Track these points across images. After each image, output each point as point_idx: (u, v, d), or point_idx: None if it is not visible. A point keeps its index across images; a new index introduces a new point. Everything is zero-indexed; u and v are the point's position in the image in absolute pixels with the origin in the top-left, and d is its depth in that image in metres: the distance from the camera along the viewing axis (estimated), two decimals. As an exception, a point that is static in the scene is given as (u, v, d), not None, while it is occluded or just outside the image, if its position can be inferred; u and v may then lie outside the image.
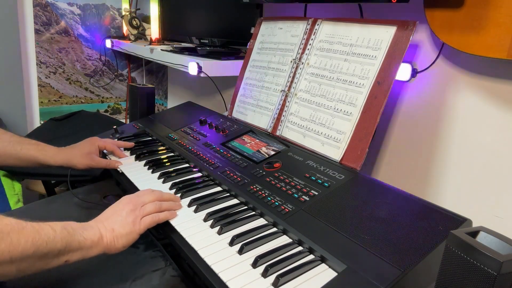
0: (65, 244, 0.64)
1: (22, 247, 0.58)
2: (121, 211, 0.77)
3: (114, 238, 0.73)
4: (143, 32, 2.17)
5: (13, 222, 0.59)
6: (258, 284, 0.62)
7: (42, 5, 2.10)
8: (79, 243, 0.67)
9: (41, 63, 2.16)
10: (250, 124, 1.21)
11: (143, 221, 0.78)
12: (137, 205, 0.79)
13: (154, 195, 0.83)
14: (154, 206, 0.81)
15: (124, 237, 0.74)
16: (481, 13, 0.80)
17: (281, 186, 0.87)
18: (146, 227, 0.78)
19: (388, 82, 0.88)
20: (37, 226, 0.62)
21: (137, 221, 0.77)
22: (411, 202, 0.75)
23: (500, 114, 0.87)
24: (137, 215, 0.77)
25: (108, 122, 1.83)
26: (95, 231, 0.71)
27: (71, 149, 1.08)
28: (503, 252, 0.50)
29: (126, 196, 0.82)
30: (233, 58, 1.49)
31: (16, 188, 1.29)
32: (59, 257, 0.64)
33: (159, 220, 0.80)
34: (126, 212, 0.77)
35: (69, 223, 0.68)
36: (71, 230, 0.67)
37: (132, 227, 0.75)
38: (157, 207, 0.81)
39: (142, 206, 0.80)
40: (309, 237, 0.71)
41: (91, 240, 0.69)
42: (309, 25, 1.11)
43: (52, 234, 0.62)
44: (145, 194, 0.83)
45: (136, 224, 0.76)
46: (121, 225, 0.75)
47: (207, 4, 1.64)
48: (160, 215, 0.80)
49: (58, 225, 0.65)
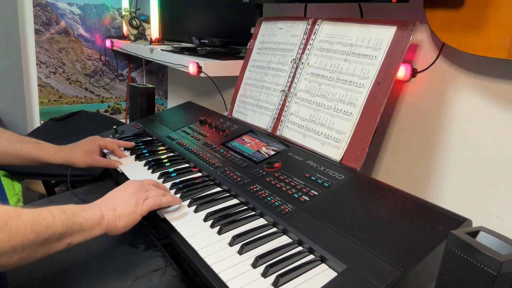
0: (66, 227, 0.63)
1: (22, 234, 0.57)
2: (124, 192, 0.77)
3: (116, 218, 0.72)
4: (143, 32, 2.17)
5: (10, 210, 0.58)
6: (258, 284, 0.62)
7: (42, 5, 2.10)
8: (80, 224, 0.66)
9: (41, 63, 2.16)
10: (250, 124, 1.21)
11: (146, 203, 0.77)
12: (140, 188, 0.79)
13: (158, 185, 0.83)
14: (158, 191, 0.81)
15: (125, 217, 0.73)
16: (481, 13, 0.80)
17: (281, 186, 0.87)
18: (149, 209, 0.77)
19: (388, 82, 0.88)
20: (35, 212, 0.61)
21: (140, 202, 0.76)
22: (411, 202, 0.75)
23: (500, 114, 0.87)
24: (140, 197, 0.77)
25: (108, 122, 1.83)
26: (96, 211, 0.71)
27: (72, 147, 1.08)
28: (503, 252, 0.50)
29: (130, 180, 0.82)
30: (233, 58, 1.49)
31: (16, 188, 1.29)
32: (61, 240, 0.63)
33: (161, 203, 0.80)
34: (128, 193, 0.77)
35: (68, 206, 0.67)
36: (70, 212, 0.66)
37: (134, 208, 0.75)
38: (161, 193, 0.81)
39: (146, 190, 0.80)
40: (309, 237, 0.71)
41: (92, 221, 0.69)
42: (309, 25, 1.11)
43: (51, 219, 0.62)
44: (149, 181, 0.84)
45: (138, 205, 0.76)
46: (123, 205, 0.74)
47: (207, 4, 1.64)
48: (163, 198, 0.80)
49: (57, 209, 0.64)
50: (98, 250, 0.87)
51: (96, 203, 0.74)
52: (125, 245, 0.90)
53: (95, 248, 0.88)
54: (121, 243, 0.90)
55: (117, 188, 0.79)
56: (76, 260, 0.83)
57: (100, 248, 0.88)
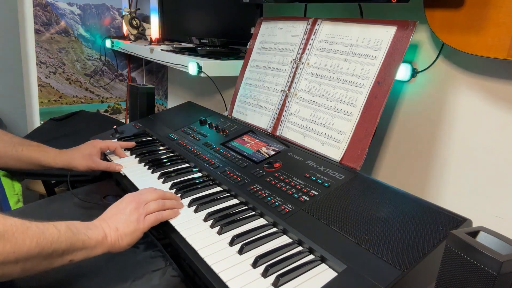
0: (70, 244, 0.64)
1: (27, 247, 0.58)
2: (125, 209, 0.77)
3: (119, 237, 0.73)
4: (143, 32, 2.17)
5: (18, 223, 0.59)
6: (258, 284, 0.62)
7: (42, 5, 2.10)
8: (83, 242, 0.67)
9: (41, 63, 2.16)
10: (250, 124, 1.21)
11: (147, 219, 0.77)
12: (140, 203, 0.79)
13: (157, 193, 0.83)
14: (158, 204, 0.81)
15: (128, 235, 0.74)
16: (481, 13, 0.80)
17: (281, 186, 0.87)
18: (150, 225, 0.78)
19: (388, 82, 0.88)
20: (41, 226, 0.62)
21: (141, 219, 0.77)
22: (411, 202, 0.75)
23: (500, 114, 0.87)
24: (141, 213, 0.77)
25: (108, 122, 1.83)
26: (99, 230, 0.71)
27: (72, 151, 1.08)
28: (503, 252, 0.50)
29: (129, 194, 0.82)
30: (233, 58, 1.49)
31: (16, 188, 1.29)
32: (63, 256, 0.64)
33: (162, 218, 0.80)
34: (129, 210, 0.77)
35: (73, 222, 0.68)
36: (75, 230, 0.67)
37: (136, 225, 0.75)
38: (161, 205, 0.81)
39: (145, 204, 0.80)
40: (309, 237, 0.71)
41: (96, 240, 0.69)
42: (309, 25, 1.11)
43: (56, 234, 0.62)
44: (147, 192, 0.83)
45: (140, 222, 0.76)
46: (125, 223, 0.74)
47: (207, 4, 1.64)
48: (163, 213, 0.80)
49: (63, 225, 0.65)
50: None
51: (99, 221, 0.74)
52: (125, 245, 0.90)
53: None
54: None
55: (116, 203, 0.79)
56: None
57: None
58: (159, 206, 0.81)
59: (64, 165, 1.05)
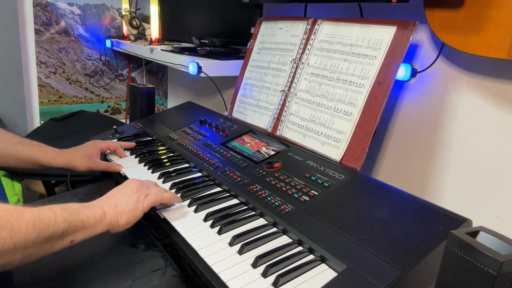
0: (68, 225, 0.64)
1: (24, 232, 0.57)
2: (125, 189, 0.78)
3: (118, 214, 0.72)
4: (143, 32, 2.17)
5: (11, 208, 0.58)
6: (258, 284, 0.62)
7: (42, 5, 2.10)
8: (82, 221, 0.66)
9: (41, 63, 2.16)
10: (250, 124, 1.21)
11: (147, 199, 0.78)
12: (141, 185, 0.80)
13: (158, 187, 0.84)
14: (159, 188, 0.81)
15: (127, 213, 0.74)
16: (481, 13, 0.80)
17: (281, 186, 0.87)
18: (150, 205, 0.78)
19: (388, 82, 0.88)
20: (36, 210, 0.61)
21: (141, 199, 0.77)
22: (411, 202, 0.75)
23: (500, 114, 0.87)
24: (142, 193, 0.78)
25: (108, 122, 1.83)
26: (97, 209, 0.71)
27: (72, 151, 1.08)
28: (503, 252, 0.50)
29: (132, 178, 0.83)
30: (233, 58, 1.49)
31: (16, 188, 1.29)
32: (63, 238, 0.64)
33: (162, 199, 0.80)
34: (130, 190, 0.77)
35: (69, 204, 0.67)
36: (72, 210, 0.66)
37: (135, 204, 0.75)
38: (162, 190, 0.82)
39: (147, 188, 0.80)
40: (309, 237, 0.71)
41: (94, 218, 0.69)
42: (309, 25, 1.11)
43: (53, 216, 0.62)
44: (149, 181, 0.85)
45: (140, 201, 0.76)
46: (125, 201, 0.75)
47: (207, 4, 1.64)
48: (164, 194, 0.81)
49: (58, 207, 0.64)
50: (99, 250, 0.87)
51: (97, 201, 0.74)
52: (125, 245, 0.90)
53: (95, 248, 0.88)
54: (121, 243, 0.91)
55: (118, 186, 0.80)
56: (77, 260, 0.83)
57: (101, 248, 0.88)
58: (160, 190, 0.81)
59: (64, 165, 1.05)
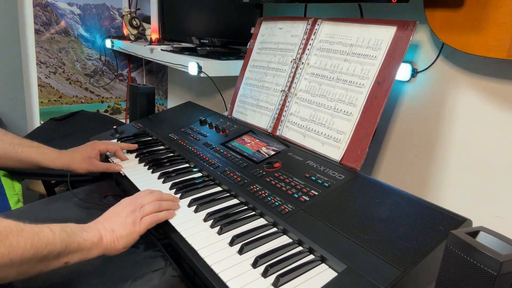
0: (65, 246, 0.64)
1: (22, 249, 0.58)
2: (121, 212, 0.78)
3: (114, 239, 0.73)
4: (143, 32, 2.17)
5: (12, 225, 0.59)
6: (258, 284, 0.62)
7: (42, 5, 2.10)
8: (79, 244, 0.67)
9: (41, 63, 2.16)
10: (250, 124, 1.21)
11: (143, 222, 0.78)
12: (136, 206, 0.80)
13: (153, 196, 0.84)
14: (153, 206, 0.81)
15: (124, 238, 0.74)
16: (481, 13, 0.80)
17: (281, 186, 0.87)
18: (146, 228, 0.78)
19: (388, 82, 0.88)
20: (36, 228, 0.62)
21: (137, 222, 0.77)
22: (411, 202, 0.75)
23: (500, 114, 0.87)
24: (137, 216, 0.78)
25: (108, 122, 1.83)
26: (95, 232, 0.71)
27: (72, 153, 1.08)
28: (503, 252, 0.50)
29: (126, 198, 0.83)
30: (233, 58, 1.49)
31: (16, 188, 1.29)
32: (58, 259, 0.64)
33: (158, 220, 0.80)
34: (126, 213, 0.77)
35: (68, 225, 0.68)
36: (70, 231, 0.67)
37: (132, 228, 0.76)
38: (156, 207, 0.81)
39: (142, 207, 0.80)
40: (309, 237, 0.71)
41: (91, 241, 0.69)
42: (309, 25, 1.11)
43: (51, 236, 0.62)
44: (144, 195, 0.84)
45: (136, 225, 0.77)
46: (121, 226, 0.75)
47: (207, 4, 1.64)
48: (159, 215, 0.81)
49: (57, 227, 0.65)
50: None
51: (95, 223, 0.74)
52: (125, 245, 0.90)
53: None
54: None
55: (113, 207, 0.80)
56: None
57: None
58: (155, 208, 0.81)
59: (64, 167, 1.05)
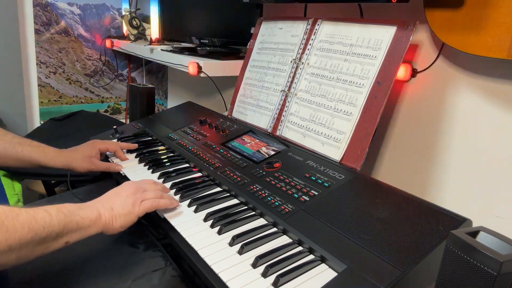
0: (63, 226, 0.64)
1: (19, 234, 0.57)
2: (122, 193, 0.78)
3: (112, 217, 0.73)
4: (143, 32, 2.17)
5: (7, 210, 0.58)
6: (258, 284, 0.62)
7: (42, 5, 2.10)
8: (77, 223, 0.67)
9: (41, 63, 2.16)
10: (250, 124, 1.21)
11: (143, 204, 0.78)
12: (138, 189, 0.80)
13: (156, 186, 0.84)
14: (156, 193, 0.81)
15: (122, 217, 0.74)
16: (481, 13, 0.80)
17: (281, 186, 0.87)
18: (145, 211, 0.78)
19: (388, 82, 0.88)
20: (31, 211, 0.61)
21: (137, 204, 0.77)
22: (411, 202, 0.75)
23: (500, 114, 0.87)
24: (138, 198, 0.78)
25: (108, 122, 1.83)
26: (93, 210, 0.71)
27: (72, 152, 1.08)
28: (503, 252, 0.50)
29: (129, 181, 0.83)
30: (233, 58, 1.48)
31: (16, 188, 1.29)
32: (58, 239, 0.64)
33: (158, 205, 0.80)
34: (126, 194, 0.77)
35: (65, 205, 0.68)
36: (67, 211, 0.66)
37: (131, 209, 0.76)
38: (159, 195, 0.81)
39: (143, 191, 0.80)
40: (309, 237, 0.71)
41: (89, 219, 0.69)
42: (309, 25, 1.11)
43: (48, 218, 0.62)
44: (148, 182, 0.84)
45: (135, 206, 0.76)
46: (120, 205, 0.75)
47: (207, 4, 1.64)
48: (160, 201, 0.80)
49: (53, 208, 0.65)
50: (98, 250, 0.87)
51: (93, 202, 0.74)
52: (125, 245, 0.90)
53: (95, 248, 0.88)
54: (121, 243, 0.90)
55: (115, 188, 0.80)
56: (76, 260, 0.83)
57: (100, 248, 0.88)
58: (157, 195, 0.81)
59: (64, 166, 1.05)
